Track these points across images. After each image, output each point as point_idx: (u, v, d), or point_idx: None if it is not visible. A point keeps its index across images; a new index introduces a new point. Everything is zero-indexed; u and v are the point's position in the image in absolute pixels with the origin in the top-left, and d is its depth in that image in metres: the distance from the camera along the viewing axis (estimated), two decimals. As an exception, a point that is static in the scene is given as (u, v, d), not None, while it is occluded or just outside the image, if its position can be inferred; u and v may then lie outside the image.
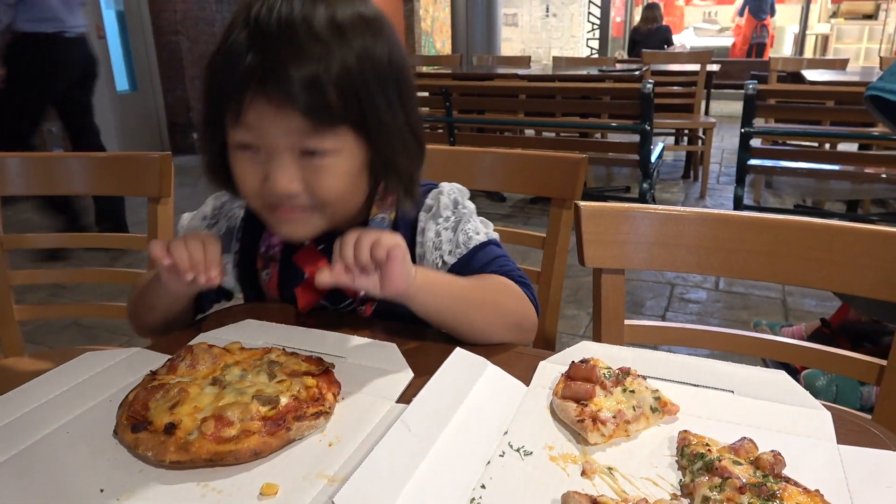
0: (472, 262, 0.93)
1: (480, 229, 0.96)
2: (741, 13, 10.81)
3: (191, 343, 0.79)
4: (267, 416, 0.65)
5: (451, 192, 0.97)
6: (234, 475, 0.61)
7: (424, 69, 6.23)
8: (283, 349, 0.79)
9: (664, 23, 7.87)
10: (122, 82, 6.23)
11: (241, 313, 0.95)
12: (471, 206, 0.99)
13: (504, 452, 0.64)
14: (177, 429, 0.63)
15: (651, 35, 7.56)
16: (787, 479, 0.57)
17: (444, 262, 0.93)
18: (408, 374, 0.77)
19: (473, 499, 0.57)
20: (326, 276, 0.75)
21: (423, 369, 0.76)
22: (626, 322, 1.06)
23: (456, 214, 0.95)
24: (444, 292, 0.84)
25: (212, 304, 1.03)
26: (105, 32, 5.89)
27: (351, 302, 0.97)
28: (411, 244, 0.93)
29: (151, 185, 1.34)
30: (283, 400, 0.67)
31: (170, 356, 0.77)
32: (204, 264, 0.79)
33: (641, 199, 3.66)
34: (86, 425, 0.68)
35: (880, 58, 6.12)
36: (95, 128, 3.75)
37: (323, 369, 0.74)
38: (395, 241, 0.76)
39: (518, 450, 0.64)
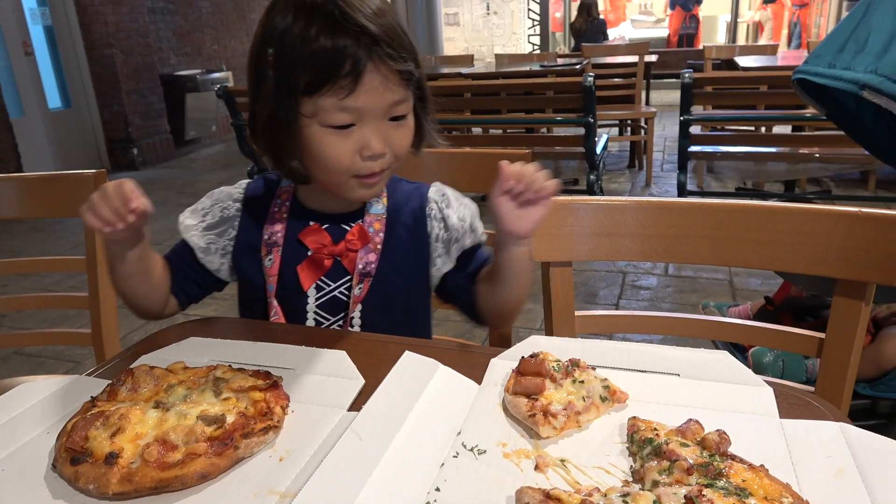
0: (478, 252, 1.03)
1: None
2: (672, 6, 11.07)
3: (132, 366, 0.77)
4: (213, 437, 0.63)
5: (446, 188, 1.07)
6: (183, 499, 0.59)
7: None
8: (230, 366, 0.77)
9: (600, 16, 8.02)
10: (53, 99, 6.00)
11: (183, 331, 0.92)
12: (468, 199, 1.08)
13: (458, 453, 0.63)
14: (118, 458, 0.61)
15: (588, 29, 7.70)
16: (733, 457, 0.58)
17: (470, 242, 1.02)
18: (359, 382, 0.76)
19: (429, 502, 0.57)
20: (510, 169, 0.84)
21: (375, 375, 0.75)
22: (577, 313, 1.07)
23: (465, 206, 1.04)
24: (528, 256, 0.92)
25: (202, 293, 1.05)
26: (33, 48, 5.67)
27: (349, 279, 0.99)
28: (422, 227, 1.02)
29: (86, 204, 1.29)
30: (230, 418, 0.65)
31: (110, 381, 0.74)
32: (124, 203, 0.79)
33: (589, 190, 3.71)
34: (22, 461, 0.65)
35: (807, 42, 6.36)
36: None
37: (271, 383, 0.72)
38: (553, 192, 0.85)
39: (472, 449, 0.64)
